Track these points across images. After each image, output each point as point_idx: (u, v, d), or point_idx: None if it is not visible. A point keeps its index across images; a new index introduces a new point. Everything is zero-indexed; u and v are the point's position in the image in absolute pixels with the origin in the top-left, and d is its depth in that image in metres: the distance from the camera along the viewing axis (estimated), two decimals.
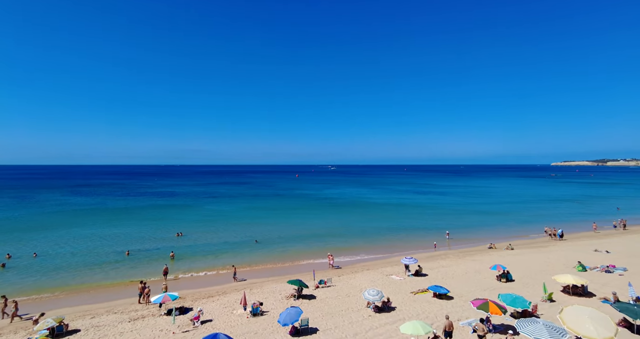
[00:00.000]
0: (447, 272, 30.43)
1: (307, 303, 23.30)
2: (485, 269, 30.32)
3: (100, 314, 22.67)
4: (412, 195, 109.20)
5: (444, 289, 23.77)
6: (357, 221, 60.81)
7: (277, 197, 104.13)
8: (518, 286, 25.76)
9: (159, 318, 21.51)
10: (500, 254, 36.86)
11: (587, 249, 37.48)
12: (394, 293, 24.90)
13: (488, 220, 61.73)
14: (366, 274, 30.35)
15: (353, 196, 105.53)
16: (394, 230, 52.35)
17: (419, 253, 38.56)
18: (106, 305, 24.69)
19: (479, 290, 25.15)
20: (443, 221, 58.90)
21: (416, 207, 79.80)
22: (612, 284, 25.24)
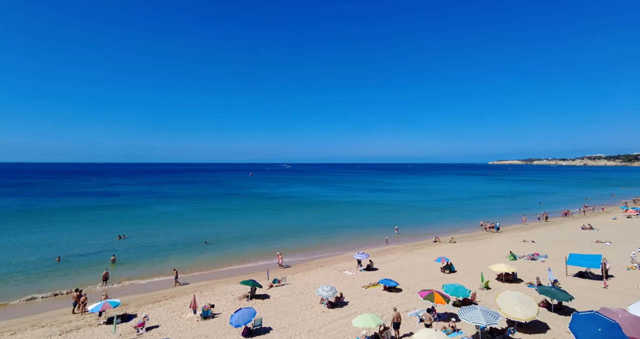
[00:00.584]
0: (397, 265, 31.88)
1: (261, 303, 23.01)
2: (431, 261, 32.24)
3: (23, 329, 19.99)
4: (364, 193, 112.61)
5: (394, 282, 24.88)
6: (311, 219, 61.25)
7: (229, 196, 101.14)
8: (460, 276, 27.78)
9: (97, 328, 19.80)
10: (444, 247, 39.45)
11: (517, 240, 41.53)
12: (346, 288, 25.50)
13: (433, 215, 65.80)
14: (320, 271, 30.72)
15: (308, 195, 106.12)
16: (348, 227, 53.57)
17: (371, 248, 39.85)
18: (31, 319, 21.89)
19: (425, 282, 26.69)
20: (393, 217, 61.54)
21: (368, 204, 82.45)
22: (536, 270, 28.25)
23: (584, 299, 21.35)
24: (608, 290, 23.57)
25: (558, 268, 28.10)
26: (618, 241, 38.35)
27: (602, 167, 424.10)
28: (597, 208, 70.82)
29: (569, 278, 26.46)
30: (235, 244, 42.79)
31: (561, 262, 28.78)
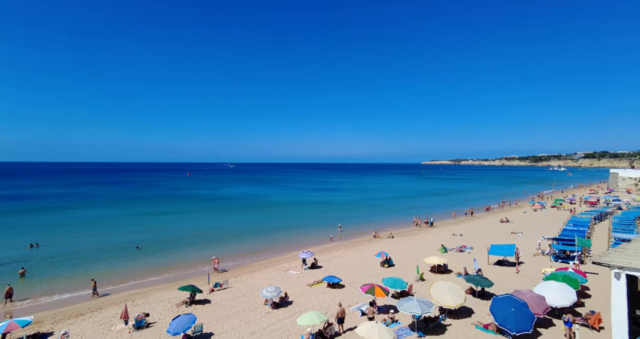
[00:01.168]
0: (340, 262, 32.76)
1: (202, 308, 21.96)
2: (372, 257, 33.69)
3: None
4: (309, 192, 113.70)
5: (337, 279, 25.52)
6: (255, 220, 60.13)
7: (164, 198, 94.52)
8: (398, 270, 29.47)
9: None
10: (383, 243, 41.52)
11: (448, 234, 45.34)
12: (291, 287, 25.51)
13: (374, 212, 68.96)
14: (264, 272, 30.30)
15: (251, 195, 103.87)
16: (293, 227, 53.60)
17: (315, 247, 40.36)
18: None
19: (366, 276, 27.82)
20: (336, 215, 63.08)
21: (313, 203, 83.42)
22: (463, 260, 31.12)
23: (501, 284, 24.04)
24: (520, 275, 26.89)
25: (481, 257, 31.27)
26: (527, 232, 43.90)
27: (515, 166, 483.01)
28: (512, 203, 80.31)
29: (490, 266, 29.63)
30: (172, 249, 40.17)
31: (484, 252, 32.06)
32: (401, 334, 17.13)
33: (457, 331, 17.57)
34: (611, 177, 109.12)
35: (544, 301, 17.77)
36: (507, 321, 16.30)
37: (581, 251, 30.21)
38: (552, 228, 43.39)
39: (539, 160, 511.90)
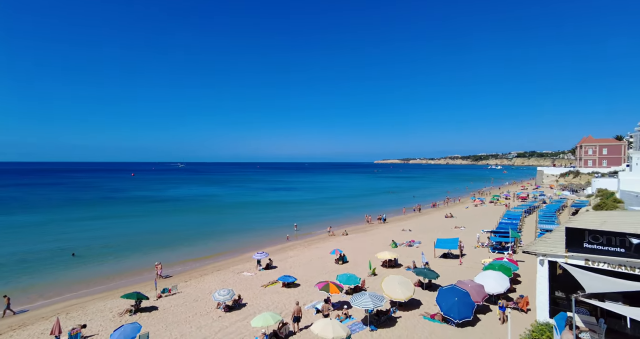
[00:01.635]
0: (295, 261, 32.78)
1: (148, 316, 20.67)
2: (326, 254, 34.16)
3: None
4: (264, 192, 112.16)
5: (292, 278, 25.51)
6: (208, 222, 57.95)
7: (105, 200, 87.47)
8: (351, 266, 30.21)
9: None
10: (338, 240, 42.31)
11: (398, 230, 47.42)
12: (245, 289, 25.01)
13: (329, 210, 69.99)
14: (217, 275, 29.33)
15: (203, 196, 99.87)
16: (248, 228, 52.53)
17: (271, 247, 39.94)
18: None
19: (321, 274, 28.15)
20: (292, 215, 62.91)
21: (268, 203, 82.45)
22: (412, 254, 32.77)
23: (446, 275, 25.70)
24: (462, 266, 28.99)
25: (429, 251, 33.16)
26: (469, 226, 47.42)
27: (458, 165, 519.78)
28: (455, 199, 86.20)
29: (437, 259, 31.56)
30: (114, 255, 37.24)
31: (431, 246, 34.02)
32: (354, 329, 17.60)
33: (406, 322, 18.48)
34: (538, 175, 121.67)
35: (482, 290, 19.33)
36: (451, 310, 17.50)
37: (514, 242, 33.35)
38: (490, 222, 47.30)
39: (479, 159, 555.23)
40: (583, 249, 12.28)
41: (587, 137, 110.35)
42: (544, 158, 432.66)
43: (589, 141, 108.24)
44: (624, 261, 11.46)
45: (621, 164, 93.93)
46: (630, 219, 19.74)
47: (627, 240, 11.36)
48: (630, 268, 11.35)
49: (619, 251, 11.46)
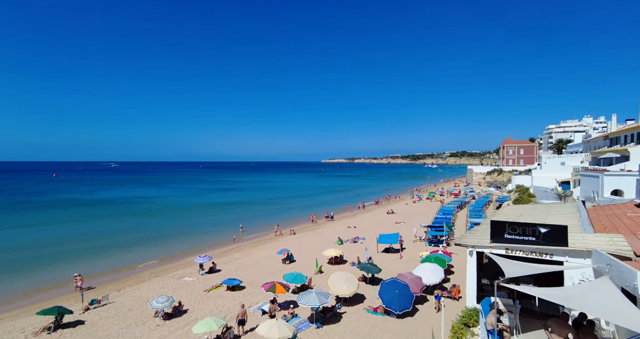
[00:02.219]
0: (241, 263, 31.94)
1: (71, 333, 18.60)
2: (273, 254, 33.83)
3: None
4: (208, 193, 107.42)
5: (237, 281, 24.82)
6: (144, 226, 53.88)
7: (18, 205, 76.87)
8: (299, 265, 30.31)
9: None
10: (285, 240, 42.15)
11: (344, 227, 48.69)
12: (186, 295, 23.75)
13: (276, 210, 69.36)
14: (155, 282, 27.42)
15: (139, 198, 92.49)
16: (189, 231, 49.88)
17: (214, 250, 38.42)
18: None
19: (268, 275, 27.81)
20: (239, 215, 61.24)
21: (213, 204, 79.16)
22: (357, 251, 33.89)
23: (388, 269, 27.01)
24: (402, 259, 30.72)
25: (372, 246, 34.56)
26: (409, 221, 50.39)
27: (399, 164, 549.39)
28: (396, 196, 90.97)
29: (379, 254, 33.01)
30: (30, 267, 32.81)
31: (374, 241, 35.48)
32: (300, 328, 17.69)
33: (351, 317, 19.06)
34: (468, 173, 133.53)
35: (420, 281, 20.68)
36: (392, 302, 18.43)
37: (448, 235, 36.18)
38: (427, 217, 50.78)
39: (417, 158, 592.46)
40: (504, 240, 13.72)
41: (508, 138, 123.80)
42: (473, 157, 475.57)
43: (509, 142, 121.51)
44: (535, 248, 13.07)
45: (534, 163, 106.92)
46: (540, 211, 22.54)
47: (537, 230, 12.97)
48: (539, 253, 12.99)
49: (531, 240, 13.04)
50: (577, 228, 15.35)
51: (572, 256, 12.41)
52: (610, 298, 8.15)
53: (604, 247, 11.83)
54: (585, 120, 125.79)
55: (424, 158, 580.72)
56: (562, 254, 12.61)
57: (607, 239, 13.25)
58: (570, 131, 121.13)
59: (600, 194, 29.55)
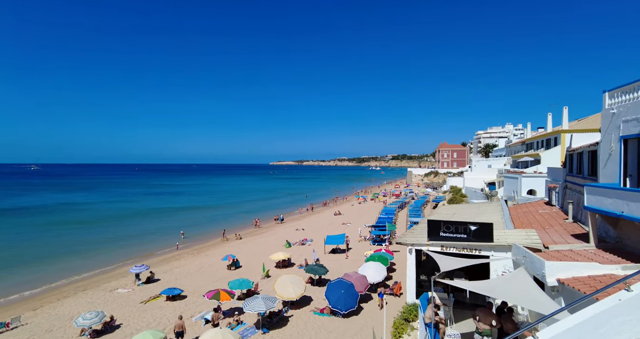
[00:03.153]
0: (182, 272, 30.20)
1: None
2: (218, 261, 32.53)
3: None
4: (145, 197, 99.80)
5: (178, 290, 23.44)
6: (69, 236, 48.31)
7: None
8: (245, 270, 29.53)
9: None
10: (231, 245, 40.80)
11: (292, 229, 48.60)
12: (120, 308, 21.82)
13: (221, 214, 66.88)
14: (82, 296, 24.73)
15: (62, 205, 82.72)
16: (125, 239, 45.89)
17: (153, 258, 35.87)
18: None
19: (212, 282, 26.66)
20: (179, 221, 57.90)
21: (150, 210, 73.65)
22: (305, 253, 34.02)
23: (335, 270, 27.55)
24: (349, 259, 31.55)
25: (319, 248, 34.95)
26: (354, 222, 51.94)
27: (345, 166, 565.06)
28: (343, 198, 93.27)
29: (327, 255, 33.52)
30: None
31: (321, 243, 35.93)
32: (246, 334, 17.25)
33: (297, 320, 19.06)
34: (408, 175, 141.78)
35: (365, 280, 21.40)
36: (338, 302, 18.82)
37: (390, 234, 37.98)
38: (372, 217, 52.80)
39: (362, 161, 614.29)
40: (440, 237, 14.82)
41: (443, 143, 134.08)
42: (412, 160, 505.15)
43: (444, 146, 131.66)
44: (466, 245, 14.32)
45: (466, 165, 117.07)
46: (471, 210, 24.76)
47: (468, 228, 14.23)
48: (470, 249, 14.26)
49: (463, 237, 14.26)
50: (500, 225, 17.12)
51: (496, 251, 13.82)
52: (525, 286, 9.23)
53: (521, 242, 13.36)
54: (507, 127, 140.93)
55: (368, 161, 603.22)
56: (489, 249, 13.97)
57: (524, 234, 14.98)
58: (495, 136, 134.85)
59: (519, 193, 33.28)
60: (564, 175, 22.46)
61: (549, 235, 14.89)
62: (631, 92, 12.02)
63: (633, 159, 12.10)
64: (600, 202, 11.79)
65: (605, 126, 13.36)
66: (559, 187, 22.67)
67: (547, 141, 42.75)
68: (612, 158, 12.83)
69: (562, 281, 9.80)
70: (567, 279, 9.73)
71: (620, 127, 12.29)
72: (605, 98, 13.39)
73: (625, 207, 10.50)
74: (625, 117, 12.05)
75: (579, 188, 17.14)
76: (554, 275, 10.09)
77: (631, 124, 11.78)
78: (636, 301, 4.88)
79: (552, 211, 21.38)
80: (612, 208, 11.11)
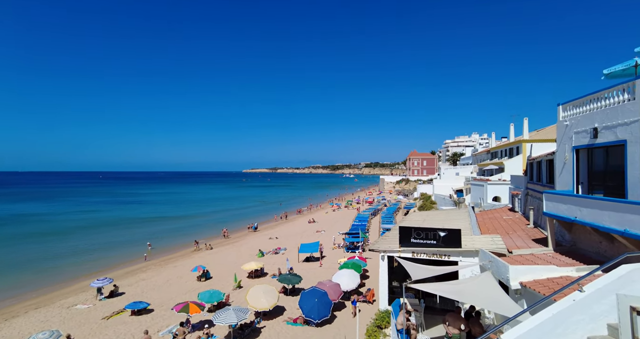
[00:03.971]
0: (148, 284, 28.83)
1: None
2: (187, 272, 31.37)
3: None
4: (108, 207, 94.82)
5: (144, 304, 22.32)
6: (19, 249, 44.94)
7: None
8: (216, 282, 28.63)
9: None
10: (201, 255, 39.50)
11: (265, 238, 47.84)
12: (79, 326, 20.41)
13: (191, 224, 64.69)
14: (33, 315, 22.91)
15: (14, 216, 77.05)
16: (85, 252, 43.25)
17: (117, 271, 33.99)
18: None
19: (180, 294, 25.62)
20: (146, 232, 55.43)
21: (114, 221, 70.04)
22: (278, 262, 33.55)
23: (308, 278, 27.34)
24: (323, 267, 31.45)
25: (293, 256, 34.61)
26: (329, 229, 51.99)
27: (320, 174, 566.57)
28: (317, 205, 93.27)
29: (300, 263, 33.23)
30: None
31: (295, 251, 35.62)
32: None
33: (270, 331, 18.67)
34: (381, 182, 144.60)
35: (339, 288, 21.39)
36: (311, 311, 18.64)
37: (363, 241, 38.34)
38: (346, 224, 53.11)
39: (336, 168, 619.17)
40: (411, 244, 15.16)
41: (413, 151, 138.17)
42: (385, 168, 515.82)
43: (414, 155, 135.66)
44: (436, 251, 14.74)
45: (435, 173, 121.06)
46: (440, 216, 25.57)
47: (437, 234, 14.67)
48: (439, 255, 14.68)
49: (433, 243, 14.68)
50: (468, 231, 17.79)
51: (464, 256, 14.31)
52: (491, 290, 9.61)
53: (487, 247, 13.93)
54: (474, 136, 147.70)
55: (342, 168, 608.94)
56: (457, 255, 14.44)
57: (489, 240, 15.64)
58: (462, 145, 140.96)
59: (485, 200, 34.81)
60: (525, 183, 23.77)
61: (513, 240, 15.64)
62: (581, 105, 13.02)
63: (584, 167, 13.05)
64: (557, 209, 12.58)
65: (559, 137, 14.34)
66: (521, 194, 23.94)
67: (510, 150, 45.17)
68: (566, 167, 13.76)
69: (524, 284, 10.29)
70: (528, 282, 10.24)
71: (573, 138, 13.25)
72: (559, 111, 14.42)
73: (578, 213, 11.26)
74: (577, 129, 13.02)
75: (539, 195, 18.19)
76: (517, 278, 10.59)
77: (582, 135, 12.74)
78: (588, 301, 5.23)
79: (515, 217, 22.51)
80: (567, 214, 11.88)
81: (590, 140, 12.17)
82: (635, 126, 10.17)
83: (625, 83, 10.81)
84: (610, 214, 9.78)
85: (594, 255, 11.95)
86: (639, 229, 8.78)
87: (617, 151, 11.18)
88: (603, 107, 11.71)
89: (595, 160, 12.61)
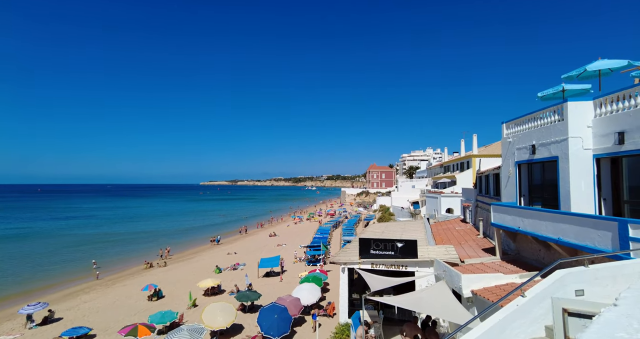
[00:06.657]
0: (91, 307, 26.35)
1: None
2: (137, 292, 29.16)
3: None
4: (47, 223, 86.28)
5: (85, 329, 20.30)
6: None
7: None
8: (168, 301, 26.90)
9: None
10: (153, 273, 37.03)
11: (224, 253, 46.02)
12: None
13: (141, 239, 60.66)
14: None
15: None
16: (13, 273, 38.69)
17: (53, 294, 30.72)
18: None
19: (129, 316, 23.70)
20: (89, 249, 51.04)
21: (53, 237, 63.78)
22: (236, 278, 32.35)
23: (268, 294, 26.59)
24: (283, 282, 30.82)
25: (253, 272, 33.57)
26: (290, 242, 51.33)
27: (282, 186, 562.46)
28: (279, 218, 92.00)
29: (260, 279, 32.31)
30: None
31: (255, 267, 34.62)
32: None
33: None
34: (342, 194, 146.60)
35: (299, 302, 21.03)
36: (270, 328, 18.08)
37: (324, 254, 38.29)
38: (307, 237, 52.78)
39: (298, 181, 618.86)
40: (370, 255, 15.41)
41: (373, 164, 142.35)
42: (346, 180, 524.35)
43: (374, 168, 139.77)
44: (394, 261, 15.11)
45: (393, 185, 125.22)
46: (398, 228, 26.36)
47: (395, 245, 15.09)
48: (397, 266, 15.07)
49: (391, 254, 15.05)
50: (424, 241, 18.48)
51: (421, 266, 14.80)
52: (445, 299, 10.01)
53: (441, 257, 14.55)
54: (428, 151, 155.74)
55: (305, 181, 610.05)
56: (414, 265, 14.91)
57: (443, 250, 16.36)
58: (418, 159, 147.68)
59: (439, 211, 36.55)
60: (475, 195, 25.35)
61: (464, 250, 16.51)
62: (522, 124, 14.31)
63: (525, 181, 14.26)
64: (503, 219, 13.53)
65: (504, 152, 15.59)
66: (472, 206, 25.48)
67: (461, 164, 48.12)
68: (510, 180, 14.93)
69: (475, 292, 10.85)
70: (478, 290, 10.81)
71: (515, 154, 14.46)
72: (503, 128, 15.72)
73: (520, 223, 12.20)
74: (519, 145, 14.25)
75: (487, 207, 19.48)
76: (468, 287, 11.13)
77: (522, 151, 13.95)
78: (529, 305, 5.63)
79: (466, 228, 23.83)
80: (512, 224, 12.82)
81: (529, 156, 13.36)
82: (565, 143, 11.36)
83: (555, 105, 12.10)
84: (547, 224, 10.72)
85: (534, 262, 12.95)
86: (570, 237, 9.70)
87: (551, 166, 12.36)
88: (539, 126, 12.97)
89: (534, 174, 13.83)
